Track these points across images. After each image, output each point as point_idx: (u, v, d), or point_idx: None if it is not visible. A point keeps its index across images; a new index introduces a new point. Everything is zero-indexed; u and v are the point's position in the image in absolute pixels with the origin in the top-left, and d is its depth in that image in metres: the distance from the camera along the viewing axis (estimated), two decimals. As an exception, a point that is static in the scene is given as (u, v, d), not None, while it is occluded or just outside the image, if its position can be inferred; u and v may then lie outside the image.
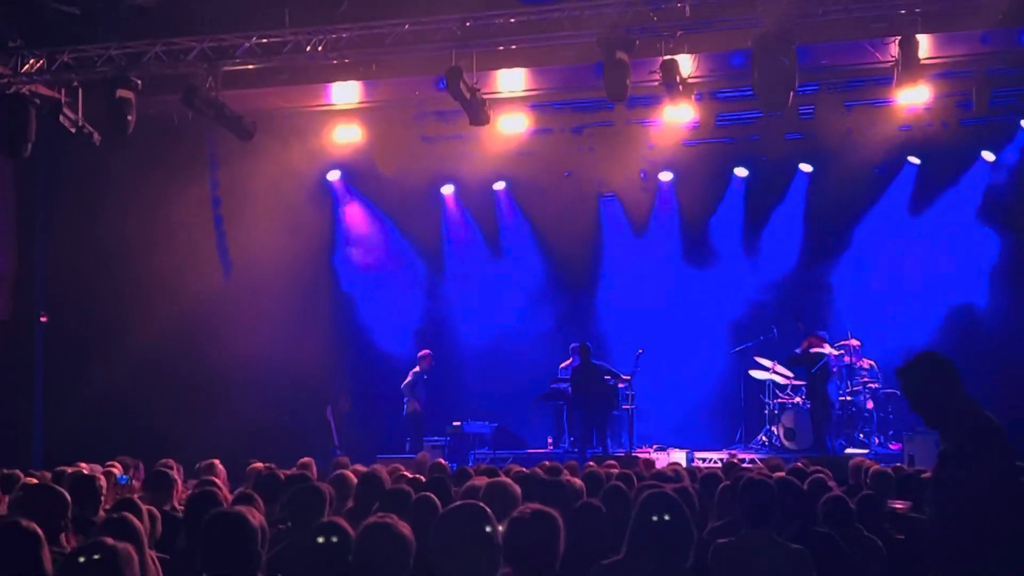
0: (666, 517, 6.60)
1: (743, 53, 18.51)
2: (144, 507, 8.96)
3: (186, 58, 18.98)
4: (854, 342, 21.96)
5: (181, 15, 19.33)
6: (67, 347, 23.31)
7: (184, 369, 23.17)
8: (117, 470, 13.57)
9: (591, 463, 15.28)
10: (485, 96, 19.55)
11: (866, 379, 21.72)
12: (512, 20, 17.96)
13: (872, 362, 21.99)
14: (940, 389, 6.94)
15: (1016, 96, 21.32)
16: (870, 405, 21.78)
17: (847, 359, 21.62)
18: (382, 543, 6.16)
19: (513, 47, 18.87)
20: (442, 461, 15.50)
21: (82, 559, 5.77)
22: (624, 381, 22.53)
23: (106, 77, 19.26)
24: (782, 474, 11.43)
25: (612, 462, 14.79)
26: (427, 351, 24.13)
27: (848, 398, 21.32)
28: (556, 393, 22.65)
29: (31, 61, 19.25)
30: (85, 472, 11.87)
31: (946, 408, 6.58)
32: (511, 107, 21.84)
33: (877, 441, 21.66)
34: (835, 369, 21.25)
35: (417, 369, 23.70)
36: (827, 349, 21.30)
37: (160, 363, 22.79)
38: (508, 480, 9.94)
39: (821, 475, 10.96)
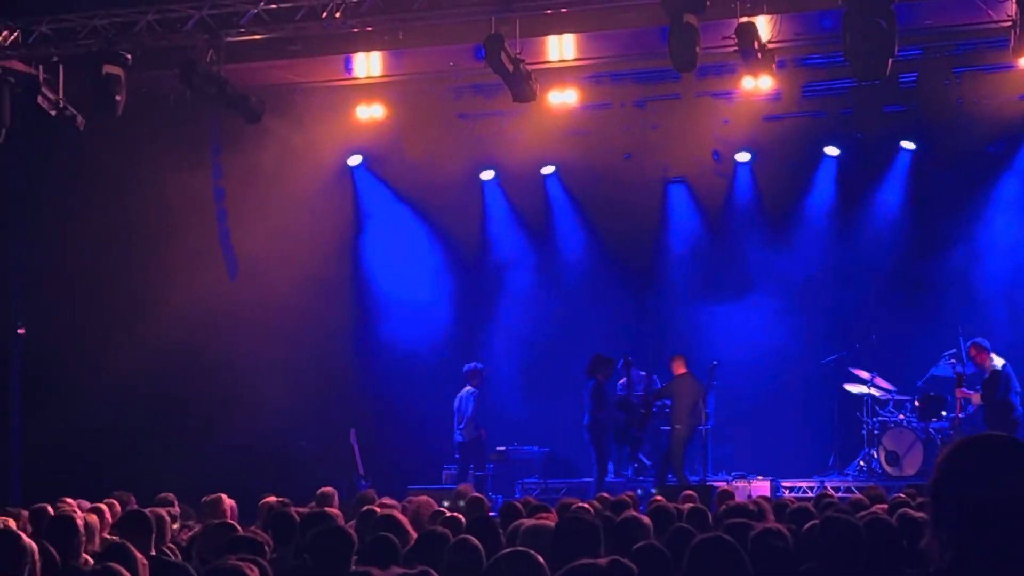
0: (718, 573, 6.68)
1: (833, 13, 18.65)
2: (138, 554, 8.82)
3: (183, 28, 19.25)
4: (973, 351, 22.25)
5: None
6: (48, 362, 23.70)
7: (183, 384, 23.88)
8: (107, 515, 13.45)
9: (659, 496, 16.16)
10: (530, 67, 19.46)
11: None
12: (565, -21, 19.80)
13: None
14: None
15: None
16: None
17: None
18: None
19: (563, 9, 19.34)
20: (480, 496, 16.46)
21: None
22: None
23: (91, 51, 19.54)
24: (883, 507, 11.83)
25: (689, 493, 15.36)
26: (477, 365, 24.62)
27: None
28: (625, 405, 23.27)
29: (3, 33, 19.78)
30: (67, 511, 12.09)
31: None
32: (561, 80, 21.98)
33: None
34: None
35: (470, 388, 24.30)
36: (995, 360, 21.76)
37: (155, 378, 23.37)
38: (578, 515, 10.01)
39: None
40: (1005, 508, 3.84)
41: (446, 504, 16.49)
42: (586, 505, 12.87)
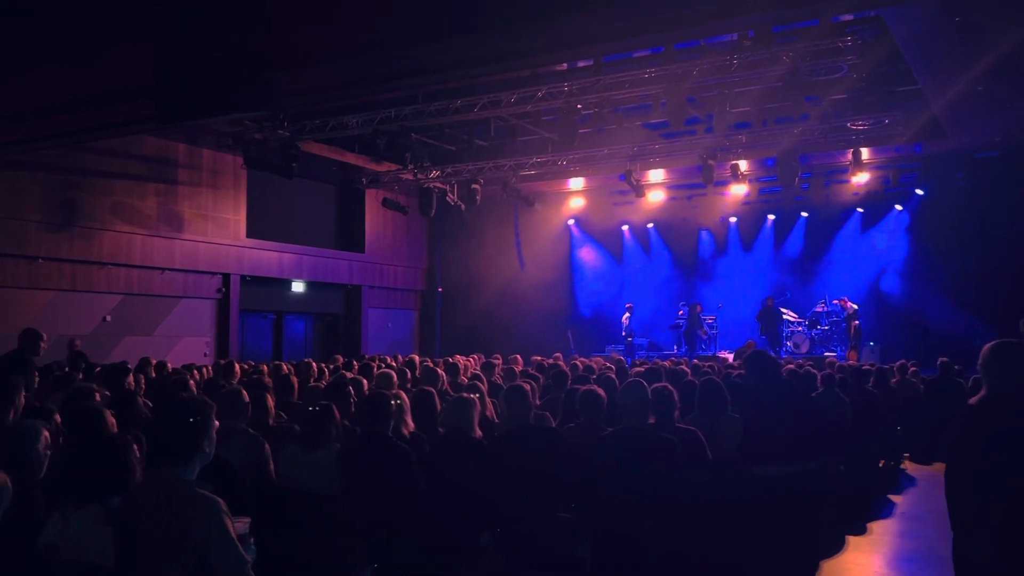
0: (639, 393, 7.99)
1: (773, 159, 25.14)
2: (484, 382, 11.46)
3: (504, 168, 27.24)
4: (850, 304, 28.39)
5: (501, 148, 27.31)
6: (449, 299, 34.71)
7: (498, 307, 32.60)
8: (472, 362, 17.19)
9: (696, 360, 20.59)
10: (643, 184, 27.76)
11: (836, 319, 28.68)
12: (657, 146, 26.01)
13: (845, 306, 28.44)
14: None
15: (910, 174, 28.14)
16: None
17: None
18: (593, 396, 8.51)
19: (657, 159, 26.87)
20: (619, 356, 22.55)
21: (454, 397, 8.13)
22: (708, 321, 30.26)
23: (466, 179, 28.06)
24: (794, 364, 15.53)
25: (709, 362, 19.26)
26: (628, 303, 31.34)
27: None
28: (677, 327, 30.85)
29: (434, 172, 28.41)
30: (460, 360, 16.16)
31: None
32: (656, 187, 29.97)
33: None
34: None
35: (627, 316, 30.74)
36: (850, 304, 28.25)
37: (489, 307, 32.61)
38: (657, 367, 13.33)
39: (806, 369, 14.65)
40: (766, 362, 8.38)
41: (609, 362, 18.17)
42: (664, 363, 15.52)
